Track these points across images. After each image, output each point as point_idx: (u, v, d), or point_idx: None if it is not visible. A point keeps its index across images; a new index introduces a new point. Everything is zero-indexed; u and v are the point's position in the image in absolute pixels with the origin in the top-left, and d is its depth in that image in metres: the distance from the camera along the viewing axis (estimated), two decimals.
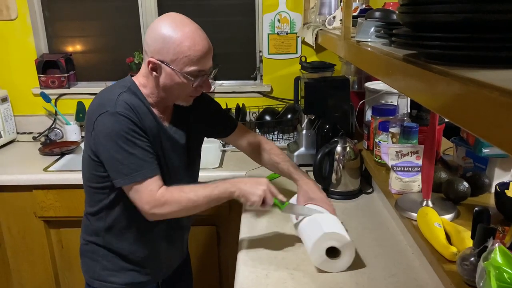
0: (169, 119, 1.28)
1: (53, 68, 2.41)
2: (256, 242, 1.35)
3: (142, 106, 1.18)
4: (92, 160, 1.19)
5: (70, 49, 2.52)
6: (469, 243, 0.94)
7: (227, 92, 2.43)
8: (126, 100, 1.15)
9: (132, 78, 1.23)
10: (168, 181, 1.22)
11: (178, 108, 1.29)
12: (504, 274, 0.67)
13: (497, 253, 0.69)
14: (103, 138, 1.13)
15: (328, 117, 1.79)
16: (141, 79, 1.21)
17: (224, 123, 1.48)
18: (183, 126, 1.30)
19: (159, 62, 1.14)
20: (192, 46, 1.12)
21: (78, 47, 2.53)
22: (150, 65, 1.15)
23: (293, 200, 1.41)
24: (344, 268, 1.19)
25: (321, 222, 1.24)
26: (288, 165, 1.46)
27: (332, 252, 1.18)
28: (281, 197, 1.26)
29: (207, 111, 1.40)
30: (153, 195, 1.15)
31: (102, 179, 1.21)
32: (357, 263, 1.21)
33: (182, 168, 1.31)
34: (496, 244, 0.72)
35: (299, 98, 2.01)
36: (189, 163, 1.36)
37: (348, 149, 1.61)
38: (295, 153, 1.95)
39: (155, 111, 1.22)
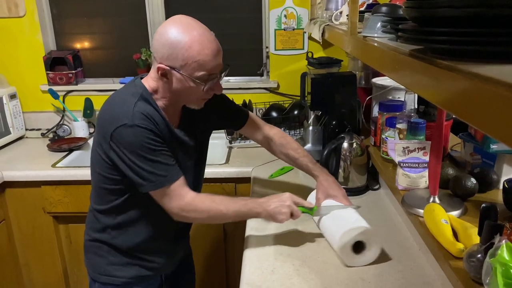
0: (178, 121, 1.28)
1: (61, 65, 2.42)
2: (262, 238, 1.36)
3: (156, 113, 1.18)
4: (105, 162, 1.19)
5: (77, 46, 2.54)
6: (476, 239, 0.94)
7: (234, 88, 2.43)
8: (141, 110, 1.14)
9: (142, 81, 1.22)
10: None
11: (187, 109, 1.29)
12: (511, 270, 0.66)
13: (504, 250, 0.69)
14: (124, 150, 1.13)
15: (334, 113, 1.79)
16: (151, 83, 1.20)
17: (235, 115, 1.48)
18: (192, 127, 1.31)
19: (169, 68, 1.13)
20: (201, 51, 1.11)
21: (85, 44, 2.54)
22: (160, 71, 1.14)
23: (310, 197, 1.43)
24: (369, 261, 1.19)
25: (348, 217, 1.25)
26: (307, 161, 1.45)
27: (358, 247, 1.19)
28: (307, 204, 1.28)
29: (217, 106, 1.39)
30: (183, 200, 1.18)
31: (116, 181, 1.21)
32: None
33: (191, 167, 1.32)
34: (503, 241, 0.71)
35: (306, 94, 2.01)
36: (198, 162, 1.37)
37: (354, 145, 1.60)
38: None
39: (166, 115, 1.21)
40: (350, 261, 1.19)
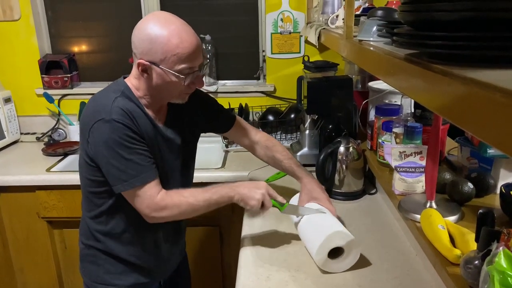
0: (164, 119, 1.27)
1: (56, 68, 2.41)
2: (258, 243, 1.34)
3: (137, 110, 1.17)
4: (88, 165, 1.19)
5: (73, 49, 2.52)
6: (474, 245, 0.93)
7: (230, 92, 2.42)
8: (121, 106, 1.14)
9: (125, 80, 1.22)
10: (165, 181, 1.22)
11: (172, 107, 1.28)
12: (509, 279, 0.65)
13: (501, 257, 0.68)
14: (100, 146, 1.13)
15: (331, 117, 1.78)
16: (134, 81, 1.20)
17: (222, 118, 1.47)
18: (178, 126, 1.30)
19: (149, 63, 1.13)
20: (179, 44, 1.11)
21: (81, 48, 2.53)
22: (140, 67, 1.14)
23: (294, 199, 1.41)
24: (349, 266, 1.18)
25: (323, 223, 1.24)
26: (291, 163, 1.45)
27: (336, 252, 1.17)
28: (280, 198, 1.27)
29: (202, 107, 1.39)
30: (153, 200, 1.16)
31: (100, 183, 1.20)
32: (359, 265, 1.20)
33: (178, 168, 1.31)
34: (501, 248, 0.70)
35: (302, 98, 2.00)
36: (185, 163, 1.35)
37: (351, 149, 1.59)
38: (298, 153, 1.93)
39: (149, 113, 1.21)
40: (329, 267, 1.18)
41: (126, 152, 1.12)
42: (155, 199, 1.16)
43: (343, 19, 1.34)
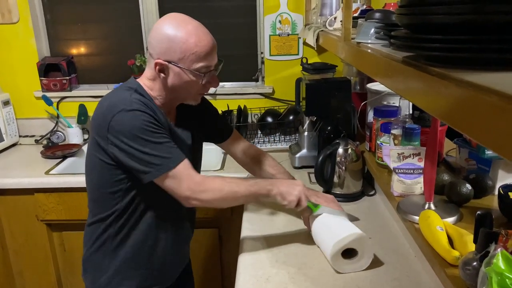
0: (174, 120, 1.29)
1: (54, 71, 2.41)
2: (258, 245, 1.34)
3: (153, 105, 1.18)
4: (106, 164, 1.16)
5: (71, 51, 2.52)
6: (472, 247, 0.93)
7: (229, 94, 2.42)
8: (139, 98, 1.15)
9: (137, 80, 1.22)
10: None
11: (181, 110, 1.29)
12: (507, 280, 0.65)
13: (499, 259, 0.68)
14: (124, 137, 1.10)
15: (329, 118, 1.78)
16: (147, 82, 1.20)
17: (221, 128, 1.49)
18: (187, 127, 1.31)
19: (166, 63, 1.14)
20: (198, 42, 1.13)
21: (79, 50, 2.53)
22: (158, 67, 1.14)
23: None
24: (355, 270, 1.19)
25: (342, 225, 1.25)
26: (283, 178, 1.45)
27: (349, 254, 1.18)
28: (314, 199, 1.28)
29: (206, 115, 1.41)
30: (193, 179, 1.14)
31: (118, 182, 1.19)
32: None
33: None
34: (499, 249, 0.70)
35: (301, 100, 2.00)
36: (194, 164, 1.35)
37: (350, 151, 1.59)
38: (297, 155, 1.94)
39: (162, 112, 1.22)
40: (341, 267, 1.18)
41: (154, 137, 1.11)
42: (195, 179, 1.14)
43: (341, 21, 1.34)
